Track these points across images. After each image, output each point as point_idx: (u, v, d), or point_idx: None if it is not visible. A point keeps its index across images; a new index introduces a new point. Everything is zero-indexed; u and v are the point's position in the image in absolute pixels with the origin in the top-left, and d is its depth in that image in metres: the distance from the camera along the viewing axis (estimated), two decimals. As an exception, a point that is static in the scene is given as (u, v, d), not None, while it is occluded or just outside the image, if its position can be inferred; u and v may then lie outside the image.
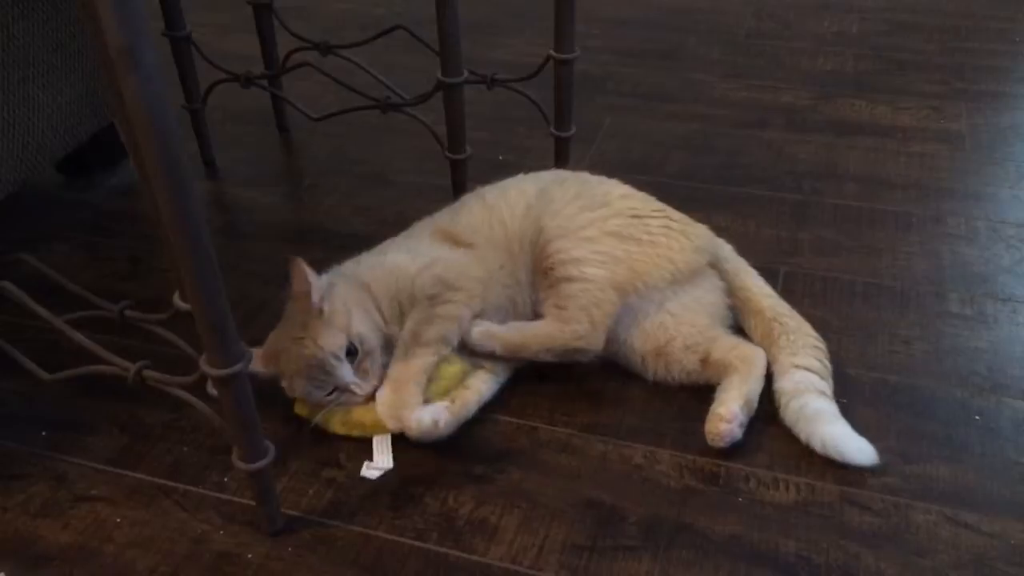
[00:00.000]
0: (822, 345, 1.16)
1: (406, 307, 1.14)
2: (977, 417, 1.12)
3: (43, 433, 1.14)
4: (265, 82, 1.68)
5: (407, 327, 1.12)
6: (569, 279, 1.15)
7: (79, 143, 1.43)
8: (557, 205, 1.22)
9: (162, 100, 0.69)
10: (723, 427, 1.06)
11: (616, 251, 1.16)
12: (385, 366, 1.11)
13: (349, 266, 1.20)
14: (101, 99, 1.43)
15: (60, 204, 1.60)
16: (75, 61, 1.35)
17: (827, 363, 1.14)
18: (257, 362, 1.10)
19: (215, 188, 1.66)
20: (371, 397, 1.09)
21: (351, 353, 1.08)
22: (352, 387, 1.08)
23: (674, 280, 1.18)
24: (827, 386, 1.11)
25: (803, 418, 1.08)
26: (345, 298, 1.11)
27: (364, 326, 1.10)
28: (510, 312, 1.19)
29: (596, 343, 1.14)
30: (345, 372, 1.08)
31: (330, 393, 1.09)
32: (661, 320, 1.16)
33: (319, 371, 1.07)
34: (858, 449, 1.05)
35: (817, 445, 1.06)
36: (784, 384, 1.12)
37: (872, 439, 1.09)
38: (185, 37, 1.55)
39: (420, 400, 1.07)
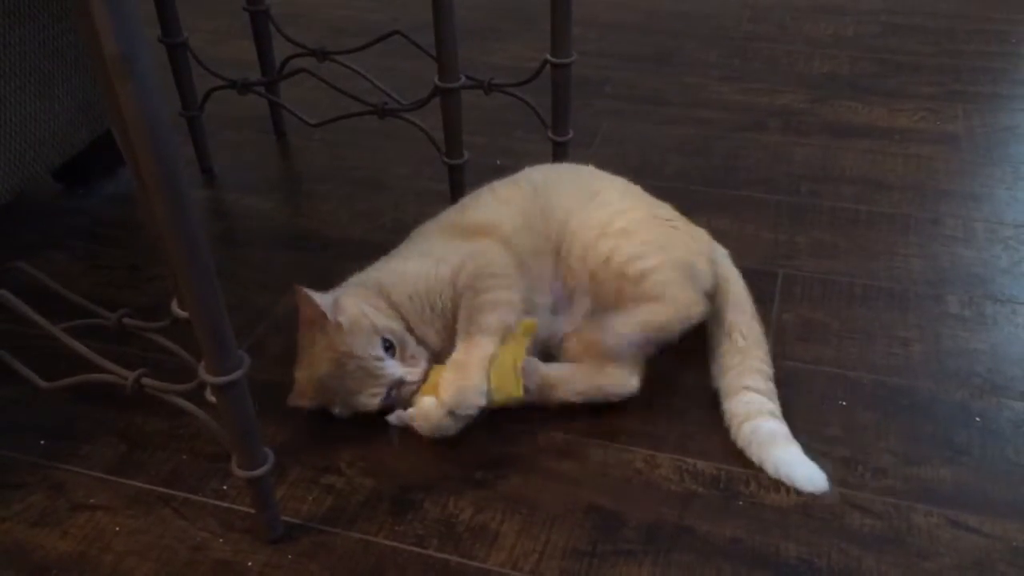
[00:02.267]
0: (768, 369, 1.14)
1: (440, 307, 1.13)
2: (977, 419, 1.12)
3: (41, 442, 1.13)
4: (262, 88, 1.68)
5: (462, 316, 1.11)
6: (639, 278, 1.13)
7: (76, 151, 1.43)
8: (577, 202, 1.22)
9: (158, 107, 0.69)
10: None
11: (660, 237, 1.18)
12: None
13: (355, 278, 1.18)
14: (98, 107, 1.43)
15: (57, 212, 1.60)
16: (71, 69, 1.36)
17: (772, 385, 1.13)
18: (300, 400, 1.10)
19: (213, 195, 1.66)
20: (425, 378, 1.10)
21: (388, 349, 1.08)
22: (406, 377, 1.08)
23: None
24: (776, 407, 1.10)
25: (755, 441, 1.07)
26: (356, 302, 1.10)
27: (383, 320, 1.09)
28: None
29: (703, 310, 1.16)
30: (392, 367, 1.07)
31: (388, 395, 1.08)
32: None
33: (368, 379, 1.06)
34: (807, 476, 1.03)
35: (770, 469, 1.05)
36: (734, 406, 1.10)
37: (872, 441, 1.09)
38: (181, 44, 1.54)
39: (484, 383, 1.06)
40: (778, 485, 1.04)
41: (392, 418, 1.09)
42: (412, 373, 1.09)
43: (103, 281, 1.42)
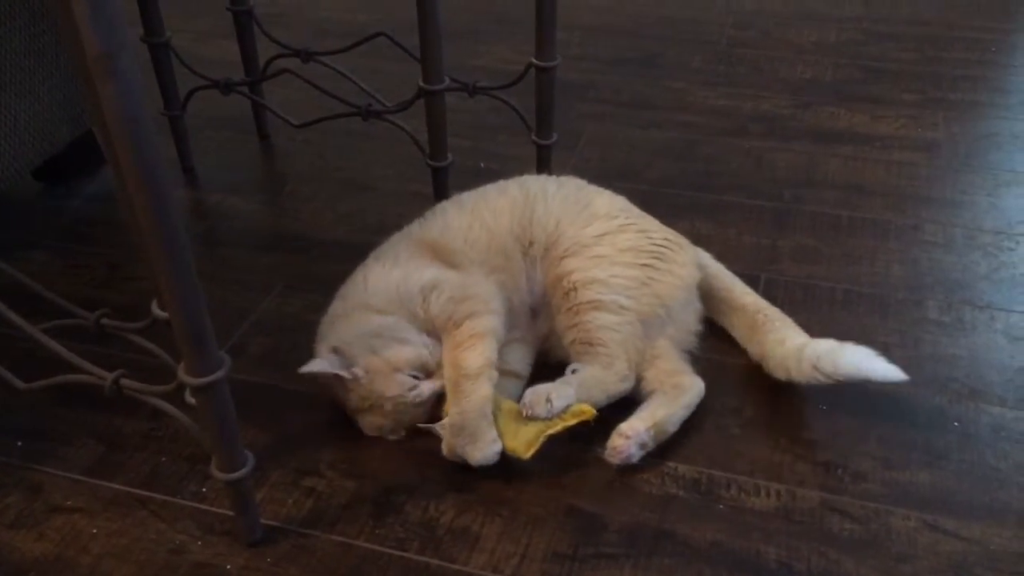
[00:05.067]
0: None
1: (418, 321, 1.11)
2: (956, 423, 1.13)
3: (18, 443, 1.12)
4: (246, 89, 1.67)
5: (446, 360, 1.08)
6: (596, 306, 1.13)
7: (57, 150, 1.42)
8: (557, 213, 1.21)
9: (140, 107, 0.68)
10: (619, 442, 1.05)
11: (634, 272, 1.15)
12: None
13: (338, 305, 1.17)
14: (79, 106, 1.42)
15: (37, 211, 1.59)
16: (52, 67, 1.34)
17: None
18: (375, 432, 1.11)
19: (195, 195, 1.65)
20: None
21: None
22: (439, 389, 1.08)
23: (684, 298, 1.19)
24: None
25: (820, 356, 1.09)
26: (367, 344, 1.07)
27: (401, 352, 1.07)
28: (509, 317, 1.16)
29: (633, 381, 1.13)
30: (426, 389, 1.07)
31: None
32: None
33: (414, 407, 1.08)
34: (883, 367, 1.07)
35: (846, 370, 1.07)
36: (783, 352, 1.13)
37: (852, 445, 1.10)
38: (164, 43, 1.53)
39: (492, 432, 1.03)
40: (758, 488, 1.05)
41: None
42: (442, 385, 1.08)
43: (82, 281, 1.41)
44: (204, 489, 1.06)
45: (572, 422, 1.05)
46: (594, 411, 1.06)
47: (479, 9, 2.36)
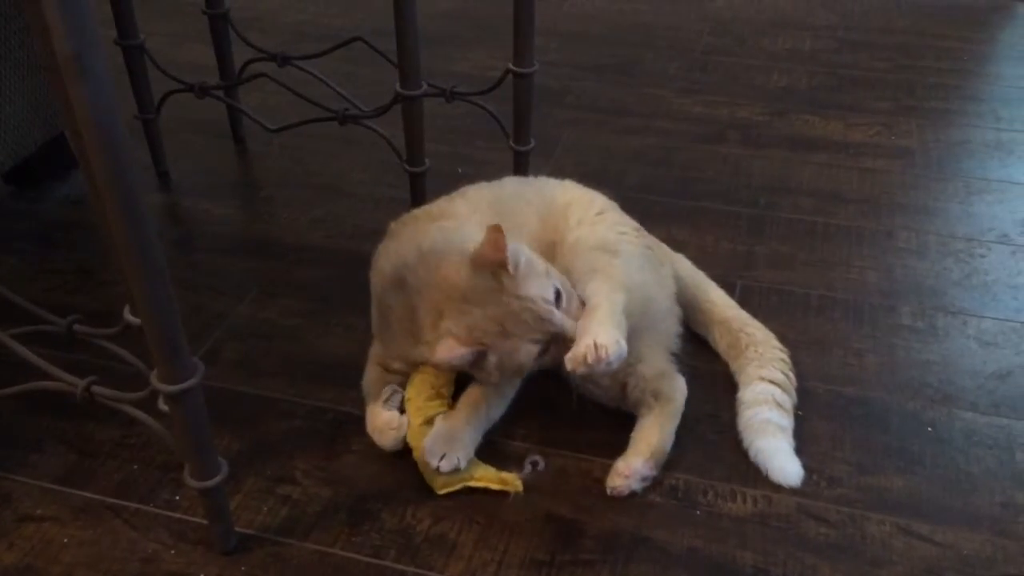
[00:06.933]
0: (787, 357, 1.18)
1: None
2: (929, 429, 1.14)
3: (-13, 451, 1.11)
4: (221, 92, 1.66)
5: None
6: (602, 247, 1.14)
7: (28, 153, 1.41)
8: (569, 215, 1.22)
9: (112, 110, 0.67)
10: (618, 482, 1.05)
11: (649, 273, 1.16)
12: None
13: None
14: (50, 108, 1.40)
15: (8, 215, 1.56)
16: (24, 70, 1.33)
17: (792, 375, 1.16)
18: (449, 352, 0.99)
19: (169, 200, 1.63)
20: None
21: (557, 298, 1.02)
22: (568, 331, 1.01)
23: (667, 307, 1.19)
24: (788, 399, 1.13)
25: (749, 427, 1.10)
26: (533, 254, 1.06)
27: (555, 269, 1.07)
28: None
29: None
30: (559, 316, 1.01)
31: (545, 350, 1.02)
32: None
33: (535, 323, 1.00)
34: (780, 468, 1.07)
35: (751, 455, 1.08)
36: (746, 395, 1.14)
37: (827, 450, 1.10)
38: (138, 46, 1.52)
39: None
40: (735, 494, 1.05)
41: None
42: (573, 328, 1.02)
43: (54, 286, 1.39)
44: (177, 497, 1.05)
45: (495, 486, 1.05)
46: (520, 485, 1.05)
47: (457, 14, 2.36)
